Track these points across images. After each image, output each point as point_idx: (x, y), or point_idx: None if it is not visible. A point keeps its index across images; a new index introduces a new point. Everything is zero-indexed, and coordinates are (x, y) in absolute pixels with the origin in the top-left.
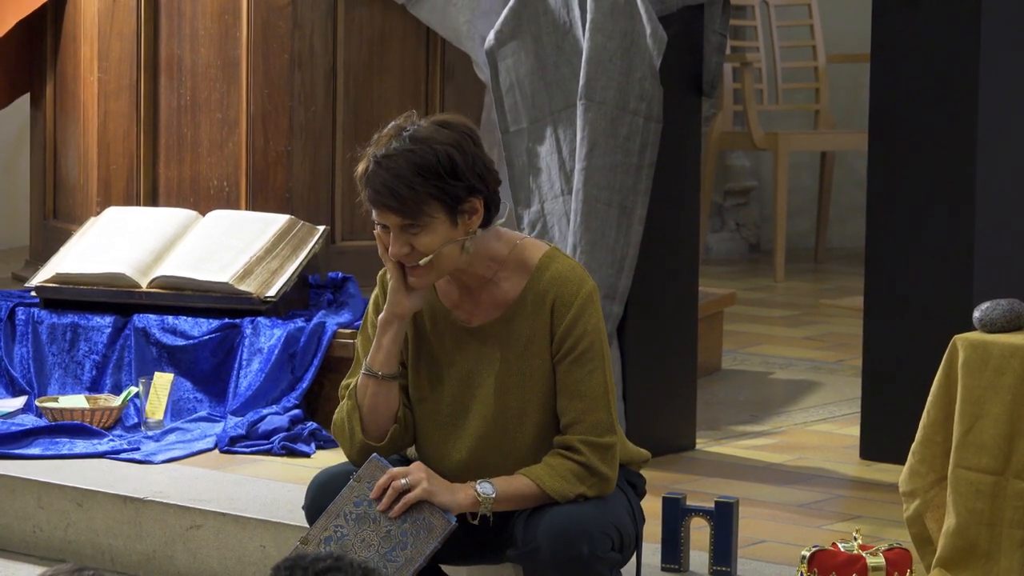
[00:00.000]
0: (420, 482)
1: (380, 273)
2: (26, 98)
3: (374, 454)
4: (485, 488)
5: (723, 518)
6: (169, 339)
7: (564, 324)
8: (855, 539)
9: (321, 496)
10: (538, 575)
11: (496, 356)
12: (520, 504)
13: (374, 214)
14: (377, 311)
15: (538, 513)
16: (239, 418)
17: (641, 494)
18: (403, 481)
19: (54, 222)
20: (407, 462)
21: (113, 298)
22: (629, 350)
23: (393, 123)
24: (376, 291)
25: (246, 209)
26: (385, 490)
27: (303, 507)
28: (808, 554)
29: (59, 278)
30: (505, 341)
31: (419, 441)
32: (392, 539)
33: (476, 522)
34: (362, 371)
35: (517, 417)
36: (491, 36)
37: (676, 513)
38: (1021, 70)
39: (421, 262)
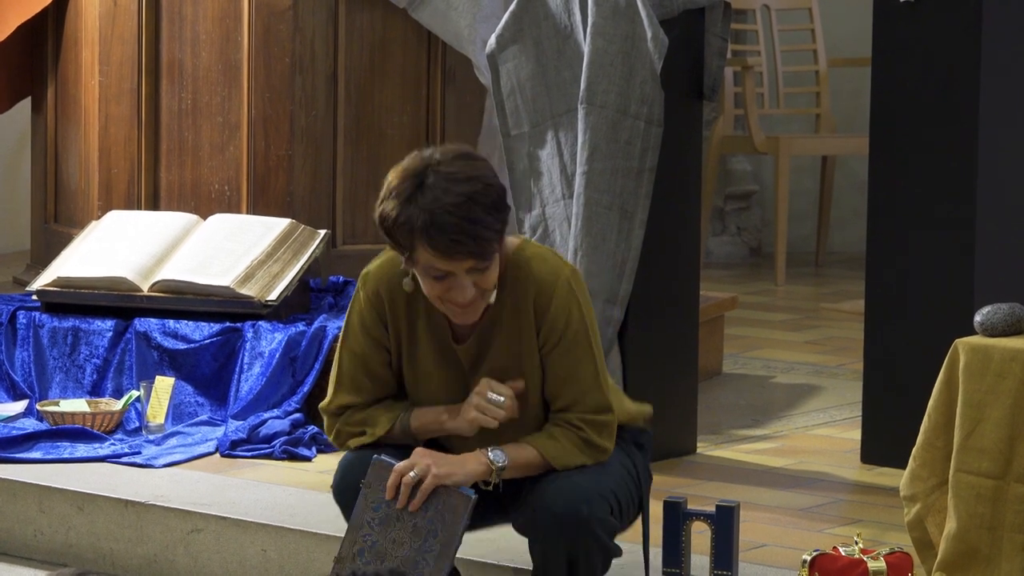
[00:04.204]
0: (429, 469)
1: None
2: (27, 102)
3: (375, 455)
4: (497, 455)
5: (724, 522)
6: (170, 343)
7: (548, 317)
8: (856, 543)
9: (352, 473)
10: (540, 538)
11: (486, 355)
12: (525, 472)
13: (429, 263)
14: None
15: (539, 480)
16: (240, 422)
17: (648, 452)
18: (412, 473)
19: (55, 226)
20: (408, 451)
21: (114, 302)
22: (630, 354)
23: (408, 165)
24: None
25: (247, 213)
26: (398, 487)
27: (332, 486)
28: (809, 558)
29: (60, 282)
30: (491, 340)
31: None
32: (421, 531)
33: (490, 488)
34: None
35: (524, 400)
36: (492, 40)
37: (677, 517)
38: (1022, 74)
39: (491, 299)
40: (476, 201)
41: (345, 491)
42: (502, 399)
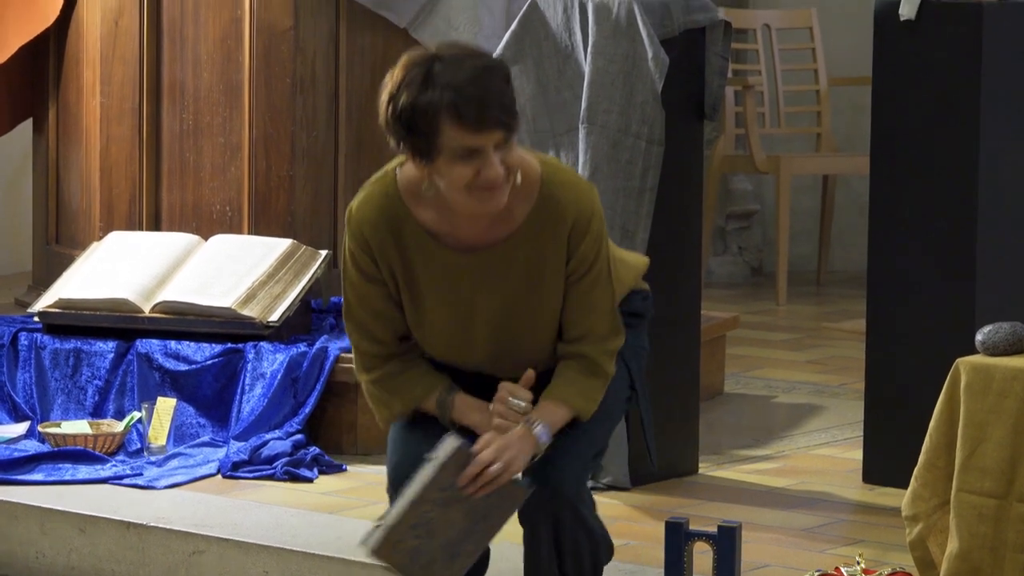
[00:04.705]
0: (510, 463)
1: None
2: (29, 123)
3: (452, 436)
4: (544, 435)
5: (726, 543)
6: (172, 364)
7: (580, 250)
8: (858, 563)
9: (408, 454)
10: (524, 522)
11: (503, 275)
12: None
13: (457, 144)
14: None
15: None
16: (242, 443)
17: (648, 316)
18: (496, 468)
19: (57, 247)
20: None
21: (116, 323)
22: None
23: (407, 62)
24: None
25: (248, 233)
26: (474, 476)
27: (391, 464)
28: None
29: (62, 303)
30: (514, 261)
31: (431, 352)
32: (475, 513)
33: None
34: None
35: (528, 333)
36: None
37: (679, 538)
38: (1022, 92)
39: (518, 180)
40: (492, 72)
41: (402, 466)
42: (523, 404)
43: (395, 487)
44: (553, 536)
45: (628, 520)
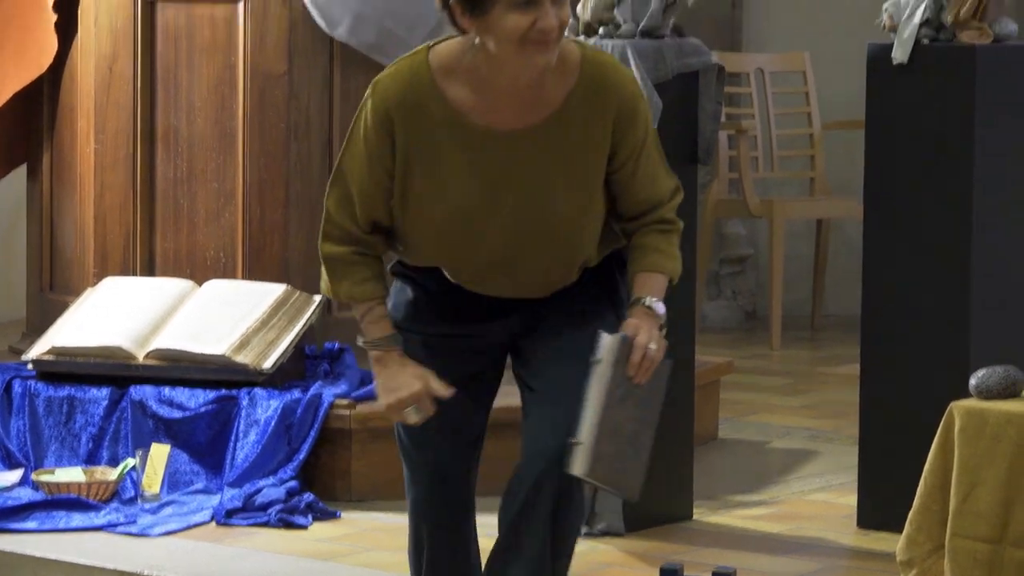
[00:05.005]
0: (660, 341)
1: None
2: (23, 169)
3: (604, 334)
4: (660, 310)
5: None
6: (166, 411)
7: (632, 131)
8: None
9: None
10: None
11: (537, 158)
12: None
13: None
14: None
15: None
16: (236, 490)
17: None
18: (653, 347)
19: (51, 294)
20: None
21: (110, 370)
22: None
23: None
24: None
25: (243, 279)
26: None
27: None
28: None
29: (56, 351)
30: (550, 143)
31: (425, 244)
32: (642, 400)
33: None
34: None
35: (562, 216)
36: None
37: None
38: (1015, 137)
39: (567, 35)
40: None
41: (443, 457)
42: (417, 417)
43: (440, 481)
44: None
45: (623, 566)
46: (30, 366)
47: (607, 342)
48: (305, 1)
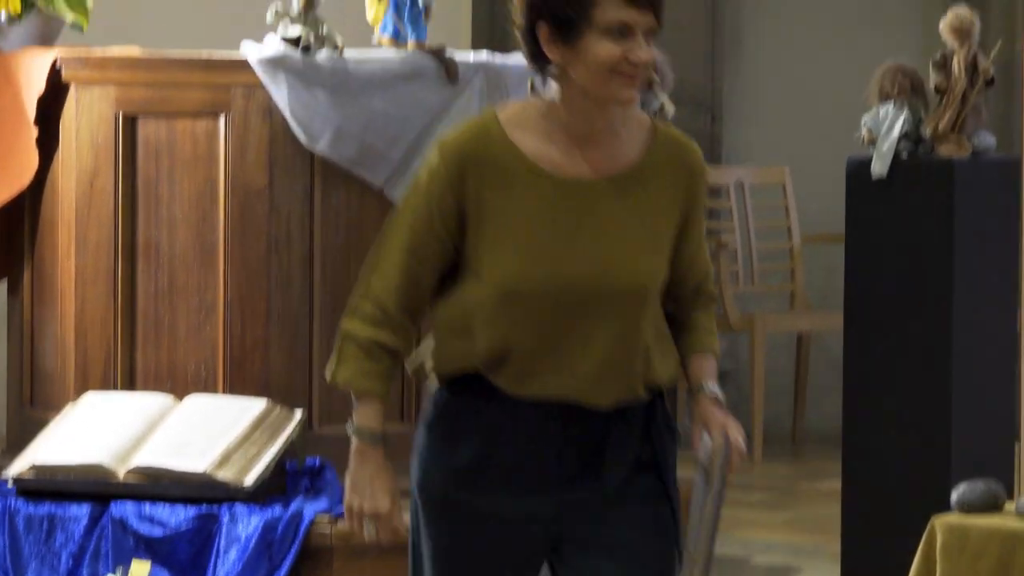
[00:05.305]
0: (740, 432)
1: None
2: (3, 284)
3: (706, 438)
4: (719, 392)
5: None
6: (146, 528)
7: (698, 198)
8: None
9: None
10: None
11: (615, 209)
12: None
13: (612, 19)
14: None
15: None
16: None
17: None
18: (742, 442)
19: (31, 410)
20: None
21: (90, 488)
22: None
23: None
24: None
25: (224, 393)
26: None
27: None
28: None
29: (37, 469)
30: (628, 197)
31: (485, 305)
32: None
33: None
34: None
35: (636, 274)
36: None
37: None
38: (994, 251)
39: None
40: None
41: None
42: (371, 534)
43: None
44: None
45: None
46: (10, 483)
47: (716, 446)
48: (286, 115)
